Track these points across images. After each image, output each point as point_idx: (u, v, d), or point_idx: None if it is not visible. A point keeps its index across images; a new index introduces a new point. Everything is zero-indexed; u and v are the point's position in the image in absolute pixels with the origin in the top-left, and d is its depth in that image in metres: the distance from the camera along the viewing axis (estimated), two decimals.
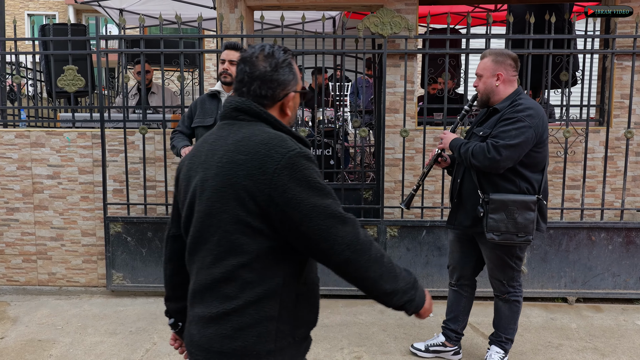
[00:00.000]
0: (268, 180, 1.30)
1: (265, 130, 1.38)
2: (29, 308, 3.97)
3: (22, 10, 20.31)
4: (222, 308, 1.36)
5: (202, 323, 1.39)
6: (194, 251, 1.43)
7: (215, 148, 1.40)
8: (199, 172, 1.41)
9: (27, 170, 4.20)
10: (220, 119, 1.49)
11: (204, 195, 1.38)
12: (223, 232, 1.35)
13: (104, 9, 7.16)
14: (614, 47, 3.96)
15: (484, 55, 2.81)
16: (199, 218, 1.39)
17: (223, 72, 3.27)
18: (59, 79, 4.16)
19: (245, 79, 1.43)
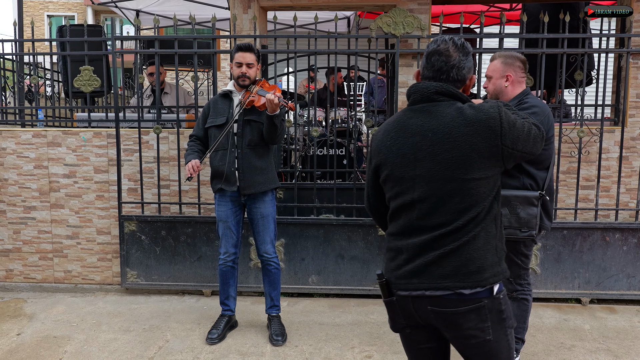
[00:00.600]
0: (498, 134, 1.65)
1: (466, 105, 1.70)
2: (45, 305, 4.04)
3: (41, 11, 20.65)
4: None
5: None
6: (426, 210, 1.69)
7: (429, 127, 1.68)
8: (422, 147, 1.68)
9: (43, 169, 4.28)
10: (414, 102, 1.75)
11: (444, 164, 1.65)
12: (460, 191, 1.65)
13: (120, 10, 7.25)
14: (630, 46, 3.91)
15: (494, 58, 2.86)
16: (436, 184, 1.66)
17: (241, 76, 3.26)
18: (75, 79, 4.23)
19: (443, 68, 1.72)
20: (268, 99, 3.08)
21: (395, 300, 1.74)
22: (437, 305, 1.66)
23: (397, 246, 1.75)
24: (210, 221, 4.09)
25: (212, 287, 4.15)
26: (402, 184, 1.72)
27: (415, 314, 1.72)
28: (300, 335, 3.48)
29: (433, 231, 1.67)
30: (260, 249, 3.41)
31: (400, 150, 1.72)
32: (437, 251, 1.66)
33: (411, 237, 1.71)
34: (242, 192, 3.30)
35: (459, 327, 1.66)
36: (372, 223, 4.01)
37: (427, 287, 1.66)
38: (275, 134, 3.24)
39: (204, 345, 3.33)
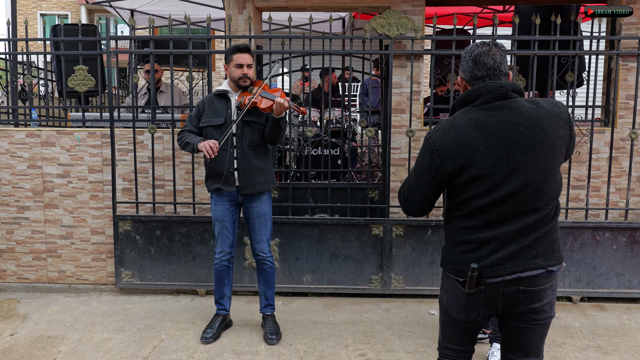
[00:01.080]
0: (568, 125, 1.87)
1: (533, 100, 1.87)
2: (39, 305, 4.04)
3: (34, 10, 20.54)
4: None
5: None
6: (519, 203, 1.81)
7: (518, 121, 1.80)
8: (515, 142, 1.80)
9: (37, 169, 4.28)
10: (488, 101, 1.84)
11: (539, 154, 1.79)
12: (551, 178, 1.82)
13: (115, 10, 7.25)
14: (619, 48, 3.97)
15: None
16: (528, 177, 1.79)
17: (243, 77, 3.28)
18: (69, 79, 4.24)
19: (494, 65, 1.86)
20: (279, 103, 3.12)
21: (482, 290, 1.84)
22: (529, 285, 1.82)
23: (481, 238, 1.84)
24: (205, 221, 4.11)
25: (206, 286, 4.16)
26: (493, 180, 1.80)
27: (500, 299, 1.84)
28: (294, 334, 3.50)
29: (527, 218, 1.81)
30: (255, 248, 3.43)
31: (489, 148, 1.79)
32: (531, 235, 1.81)
33: (501, 227, 1.82)
34: (242, 192, 3.32)
35: (539, 302, 1.84)
36: (366, 223, 4.04)
37: (523, 269, 1.80)
38: (279, 135, 3.30)
39: (198, 345, 3.35)
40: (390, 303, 4.03)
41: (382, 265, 4.06)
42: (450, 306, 1.95)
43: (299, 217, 4.12)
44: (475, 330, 2.00)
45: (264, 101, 3.24)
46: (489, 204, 1.81)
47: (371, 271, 4.09)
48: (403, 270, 4.07)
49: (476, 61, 1.87)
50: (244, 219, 3.48)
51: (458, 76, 2.01)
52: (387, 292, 4.09)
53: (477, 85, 1.87)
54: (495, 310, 1.87)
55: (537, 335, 1.90)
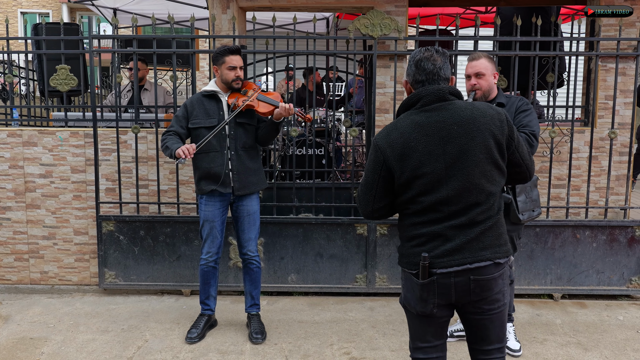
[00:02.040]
0: (506, 126, 1.95)
1: (468, 104, 1.97)
2: (21, 307, 3.99)
3: (15, 8, 20.22)
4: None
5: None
6: (461, 197, 1.92)
7: (453, 121, 1.91)
8: (450, 140, 1.90)
9: (19, 169, 4.23)
10: (427, 104, 1.95)
11: (472, 151, 1.89)
12: (487, 174, 1.92)
13: (97, 8, 7.18)
14: (599, 49, 4.04)
15: (479, 56, 3.04)
16: (465, 172, 1.89)
17: (236, 79, 3.27)
18: (51, 78, 4.19)
19: (433, 70, 1.98)
20: (285, 109, 3.17)
21: (434, 280, 1.93)
22: (478, 274, 1.92)
23: (430, 231, 1.94)
24: (190, 221, 4.10)
25: (191, 286, 4.15)
26: (433, 177, 1.91)
27: (452, 289, 1.94)
28: (279, 333, 3.51)
29: (471, 212, 1.91)
30: (244, 247, 3.43)
31: (427, 148, 1.91)
32: (477, 228, 1.91)
33: (447, 221, 1.92)
34: (236, 193, 3.33)
35: (490, 291, 1.94)
36: (351, 222, 4.07)
37: (472, 260, 1.90)
38: (274, 137, 3.38)
39: (183, 345, 3.34)
40: (375, 302, 4.06)
41: (367, 264, 4.09)
42: (408, 301, 2.04)
43: (283, 217, 4.13)
44: (439, 324, 2.05)
45: (263, 105, 3.26)
46: (433, 200, 1.92)
47: (356, 270, 4.11)
48: (387, 269, 4.10)
49: (417, 66, 2.00)
50: (231, 219, 3.48)
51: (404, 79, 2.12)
52: (371, 291, 4.12)
53: (417, 89, 2.00)
54: (449, 300, 1.96)
55: (496, 324, 2.00)
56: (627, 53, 4.04)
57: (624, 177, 4.20)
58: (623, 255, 4.04)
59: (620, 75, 4.09)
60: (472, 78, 3.04)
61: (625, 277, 4.07)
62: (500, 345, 2.05)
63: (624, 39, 3.98)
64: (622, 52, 4.01)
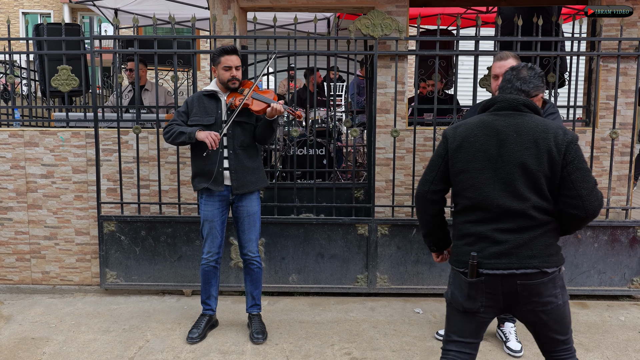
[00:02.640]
0: (565, 147, 1.98)
1: (539, 118, 2.05)
2: (23, 307, 4.00)
3: (16, 8, 20.24)
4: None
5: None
6: (508, 201, 2.00)
7: (515, 128, 2.01)
8: (506, 144, 2.00)
9: (20, 169, 4.24)
10: (502, 108, 2.07)
11: (523, 160, 1.97)
12: (535, 186, 1.98)
13: (98, 9, 7.18)
14: (600, 49, 4.04)
15: (507, 56, 2.99)
16: (513, 178, 1.98)
17: (232, 79, 3.27)
18: (52, 78, 4.20)
19: (516, 85, 2.13)
20: (274, 108, 3.15)
21: (482, 280, 2.02)
22: (525, 279, 1.98)
23: (478, 231, 2.04)
24: (191, 221, 4.10)
25: (192, 286, 4.16)
26: (481, 176, 2.03)
27: (500, 291, 2.03)
28: (280, 333, 3.51)
29: (519, 218, 1.98)
30: (244, 247, 3.43)
31: (483, 146, 2.04)
32: (525, 235, 1.98)
33: (495, 224, 2.01)
34: (234, 192, 3.33)
35: (540, 295, 2.00)
36: (352, 222, 4.07)
37: (518, 266, 1.98)
38: (270, 136, 3.35)
39: (184, 345, 3.34)
40: (376, 302, 4.06)
41: (368, 265, 4.09)
42: (455, 297, 2.12)
43: (284, 217, 4.13)
44: (480, 324, 2.12)
45: (256, 103, 3.25)
46: (480, 199, 2.03)
47: (357, 270, 4.11)
48: (388, 269, 4.10)
49: (504, 75, 2.19)
50: (232, 219, 3.48)
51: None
52: (372, 291, 4.12)
53: (496, 95, 2.15)
54: (497, 302, 2.05)
55: (552, 317, 2.05)
56: (629, 53, 4.03)
57: (625, 177, 4.20)
58: (625, 255, 4.04)
59: (621, 75, 4.09)
60: (499, 78, 2.98)
61: (626, 278, 4.06)
62: (565, 338, 2.11)
63: (625, 38, 3.97)
64: (623, 52, 4.01)
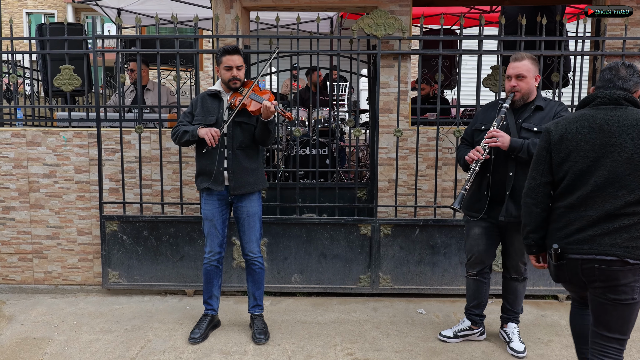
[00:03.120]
0: None
1: None
2: (25, 306, 4.00)
3: (20, 8, 20.30)
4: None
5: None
6: (602, 188, 2.13)
7: (618, 120, 2.14)
8: (609, 134, 2.13)
9: (23, 169, 4.23)
10: (602, 103, 2.20)
11: (627, 148, 2.09)
12: (637, 174, 2.09)
13: (101, 8, 7.18)
14: (604, 49, 4.01)
15: (522, 57, 3.02)
16: (614, 165, 2.11)
17: (232, 79, 3.26)
18: (55, 78, 4.20)
19: (617, 83, 2.23)
20: (265, 107, 3.12)
21: (564, 263, 2.22)
22: (604, 264, 2.12)
23: (568, 217, 2.21)
24: (193, 221, 4.09)
25: (194, 286, 4.15)
26: (583, 164, 2.16)
27: (580, 272, 2.19)
28: (282, 333, 3.50)
29: (609, 206, 2.10)
30: (245, 248, 3.42)
31: (586, 137, 2.17)
32: (612, 224, 2.10)
33: (584, 211, 2.16)
34: (231, 193, 3.32)
35: (617, 282, 2.12)
36: (354, 222, 4.05)
37: (598, 252, 2.12)
38: (268, 137, 3.32)
39: (186, 345, 3.34)
40: (379, 302, 4.04)
41: (370, 265, 4.07)
42: (550, 269, 2.36)
43: (287, 217, 4.12)
44: (578, 286, 2.29)
45: (253, 104, 3.23)
46: (576, 185, 2.17)
47: (359, 270, 4.10)
48: (391, 269, 4.08)
49: (600, 74, 2.32)
50: (233, 219, 3.47)
51: None
52: (375, 292, 4.11)
53: (595, 92, 2.28)
54: (579, 279, 2.22)
55: (619, 313, 2.16)
56: (633, 52, 4.01)
57: None
58: None
59: None
60: (512, 79, 3.01)
61: None
62: (621, 337, 2.19)
63: (630, 38, 3.95)
64: (627, 52, 3.98)
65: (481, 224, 3.19)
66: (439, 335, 3.42)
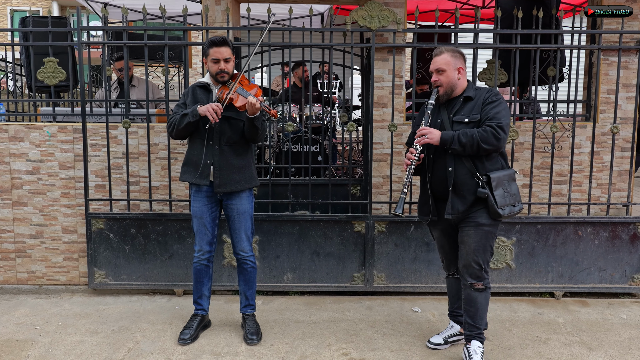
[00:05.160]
0: None
1: None
2: (7, 307, 3.86)
3: (4, 5, 19.98)
4: None
5: None
6: None
7: None
8: None
9: (5, 165, 4.09)
10: None
11: None
12: None
13: (88, 3, 7.04)
14: (601, 42, 3.96)
15: (441, 52, 2.92)
16: None
17: (220, 72, 3.12)
18: (38, 71, 4.06)
19: None
20: (250, 102, 3.00)
21: None
22: None
23: None
24: (182, 218, 3.98)
25: (184, 286, 4.03)
26: None
27: None
28: (275, 333, 3.40)
29: None
30: (236, 246, 3.31)
31: None
32: None
33: None
34: (216, 190, 3.20)
35: None
36: (348, 219, 3.97)
37: None
38: (257, 134, 3.18)
39: (176, 346, 3.23)
40: (373, 301, 3.96)
41: (365, 263, 3.99)
42: None
43: (279, 214, 4.01)
44: None
45: (240, 99, 3.08)
46: None
47: (353, 268, 4.01)
48: (385, 267, 4.00)
49: None
50: (224, 216, 3.36)
51: None
52: (369, 290, 4.02)
53: None
54: None
55: None
56: (630, 46, 3.96)
57: (626, 173, 4.13)
58: (625, 252, 3.97)
59: (622, 69, 4.02)
60: (434, 74, 2.93)
61: (627, 275, 3.99)
62: None
63: (627, 31, 3.90)
64: (624, 46, 3.94)
65: (437, 226, 3.06)
66: (428, 343, 3.20)
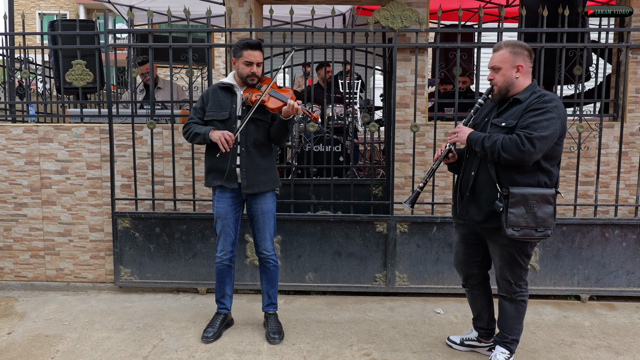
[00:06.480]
0: None
1: None
2: (37, 304, 3.96)
3: (33, 9, 20.46)
4: None
5: None
6: None
7: None
8: None
9: (35, 165, 4.20)
10: None
11: None
12: None
13: (114, 6, 7.16)
14: (629, 40, 3.88)
15: (499, 47, 2.67)
16: None
17: (251, 75, 3.15)
18: (67, 73, 4.15)
19: None
20: (291, 106, 3.02)
21: None
22: None
23: None
24: (205, 218, 4.03)
25: (207, 284, 4.08)
26: None
27: None
28: (297, 333, 3.42)
29: None
30: (259, 245, 3.34)
31: None
32: None
33: None
34: (243, 192, 3.22)
35: None
36: (370, 219, 3.96)
37: None
38: (285, 136, 3.21)
39: (199, 344, 3.27)
40: (395, 302, 3.95)
41: (386, 263, 3.98)
42: None
43: (301, 214, 4.03)
44: None
45: (273, 100, 3.12)
46: None
47: (375, 269, 4.01)
48: (407, 268, 3.99)
49: None
50: (247, 216, 3.39)
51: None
52: (391, 291, 4.01)
53: None
54: None
55: None
56: None
57: None
58: None
59: None
60: (490, 71, 2.72)
61: None
62: None
63: None
64: None
65: (460, 230, 2.93)
66: (447, 340, 3.23)
